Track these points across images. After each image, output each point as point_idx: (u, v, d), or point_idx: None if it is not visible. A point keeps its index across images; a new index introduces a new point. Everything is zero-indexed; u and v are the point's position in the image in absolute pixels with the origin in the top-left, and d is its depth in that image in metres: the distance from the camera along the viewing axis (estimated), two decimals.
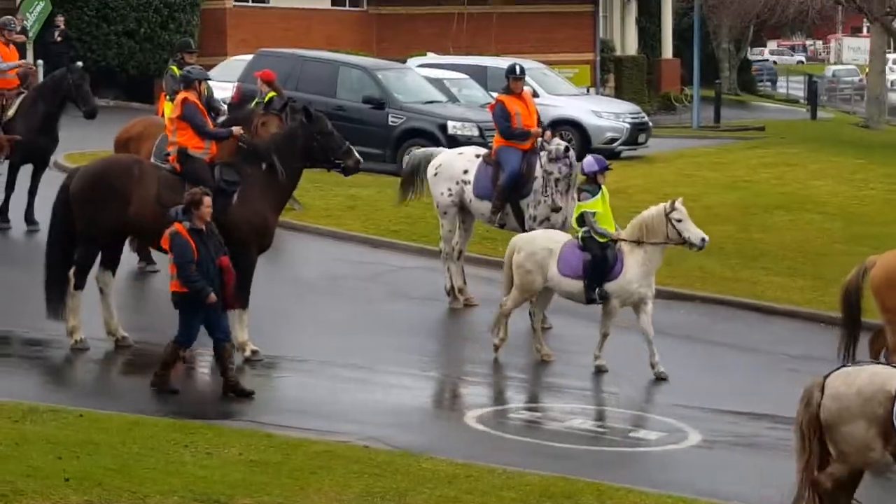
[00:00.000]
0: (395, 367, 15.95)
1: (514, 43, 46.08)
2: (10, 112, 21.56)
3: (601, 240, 16.27)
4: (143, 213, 15.65)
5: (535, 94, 34.13)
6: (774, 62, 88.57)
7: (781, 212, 25.95)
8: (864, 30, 78.04)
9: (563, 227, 18.59)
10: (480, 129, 26.65)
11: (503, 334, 16.66)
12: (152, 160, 19.35)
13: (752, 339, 17.11)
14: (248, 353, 15.56)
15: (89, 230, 15.79)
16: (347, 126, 28.89)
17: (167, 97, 19.79)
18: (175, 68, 19.82)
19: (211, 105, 19.91)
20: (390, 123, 27.80)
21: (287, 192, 16.36)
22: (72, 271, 15.77)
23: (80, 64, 21.50)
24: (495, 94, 20.91)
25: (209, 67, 27.08)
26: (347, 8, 49.56)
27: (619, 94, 48.74)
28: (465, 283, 19.15)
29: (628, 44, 57.15)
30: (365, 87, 28.96)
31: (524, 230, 18.56)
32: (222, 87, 27.89)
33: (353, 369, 15.89)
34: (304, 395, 15.23)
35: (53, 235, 16.05)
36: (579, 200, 16.67)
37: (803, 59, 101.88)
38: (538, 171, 18.32)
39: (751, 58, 74.92)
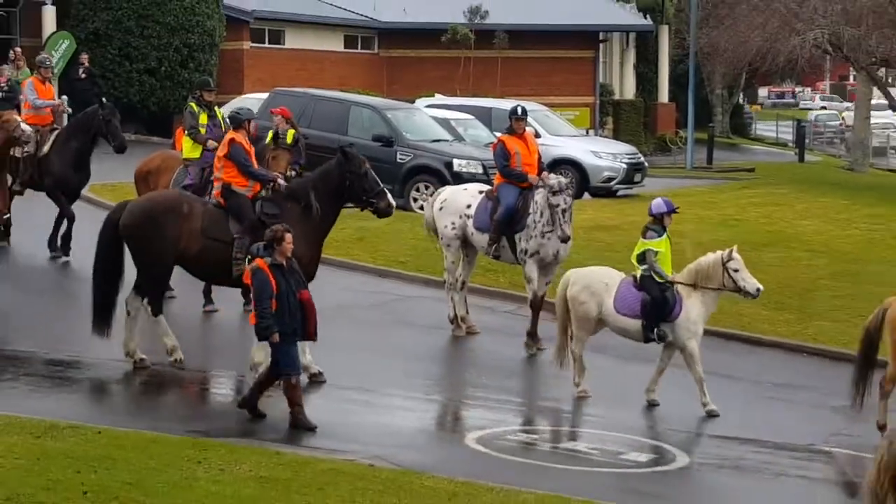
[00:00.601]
0: (400, 391, 15.99)
1: (518, 86, 46.23)
2: (45, 148, 21.72)
3: (658, 279, 16.07)
4: (190, 246, 15.81)
5: (538, 135, 34.29)
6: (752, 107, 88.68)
7: (769, 249, 25.97)
8: (851, 78, 78.10)
9: (556, 260, 18.62)
10: (484, 167, 26.76)
11: (578, 376, 16.38)
12: None
13: (738, 368, 17.14)
14: (313, 372, 15.73)
15: (146, 263, 15.92)
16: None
17: (185, 132, 19.89)
18: (194, 105, 19.89)
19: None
20: (398, 160, 27.86)
21: (324, 227, 16.29)
22: (146, 301, 15.94)
23: (109, 101, 21.44)
24: (498, 134, 21.01)
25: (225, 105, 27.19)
26: (359, 50, 49.71)
27: (617, 135, 48.88)
28: (467, 311, 19.20)
29: (626, 88, 57.31)
30: (375, 126, 29.04)
31: (518, 262, 18.67)
32: None
33: (359, 392, 15.91)
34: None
35: (100, 264, 16.12)
36: (644, 239, 16.42)
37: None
38: (537, 207, 18.37)
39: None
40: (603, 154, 34.23)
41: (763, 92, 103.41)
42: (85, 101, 38.09)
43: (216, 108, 20.28)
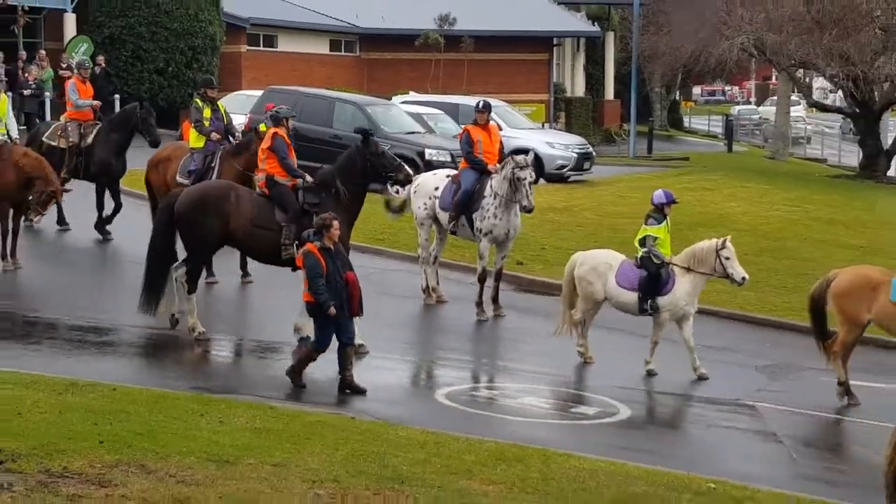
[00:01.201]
0: (379, 353, 15.96)
1: (482, 85, 46.18)
2: (89, 140, 21.75)
3: (656, 261, 16.01)
4: (237, 229, 15.71)
5: (500, 128, 34.38)
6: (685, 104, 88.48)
7: (701, 228, 25.98)
8: (773, 78, 78.28)
9: (507, 237, 18.56)
10: (452, 156, 26.70)
11: (585, 345, 16.35)
12: (177, 177, 19.47)
13: (677, 334, 17.15)
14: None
15: (194, 245, 15.83)
16: (342, 152, 29.00)
17: (192, 125, 19.81)
18: (199, 101, 19.85)
19: (230, 130, 19.98)
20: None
21: (354, 209, 16.09)
22: (185, 279, 15.80)
23: (147, 102, 21.50)
24: (463, 125, 21.01)
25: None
26: (343, 53, 49.64)
27: (569, 128, 48.84)
28: (438, 283, 19.20)
29: (577, 87, 57.31)
30: (356, 120, 28.91)
31: (475, 239, 18.67)
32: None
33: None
34: (307, 375, 15.28)
35: (154, 246, 15.96)
36: (646, 225, 16.34)
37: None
38: (492, 190, 18.27)
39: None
40: (556, 145, 34.26)
41: (697, 90, 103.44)
42: (102, 98, 38.01)
43: (219, 103, 20.23)
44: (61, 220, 22.13)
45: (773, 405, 15.24)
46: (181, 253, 16.10)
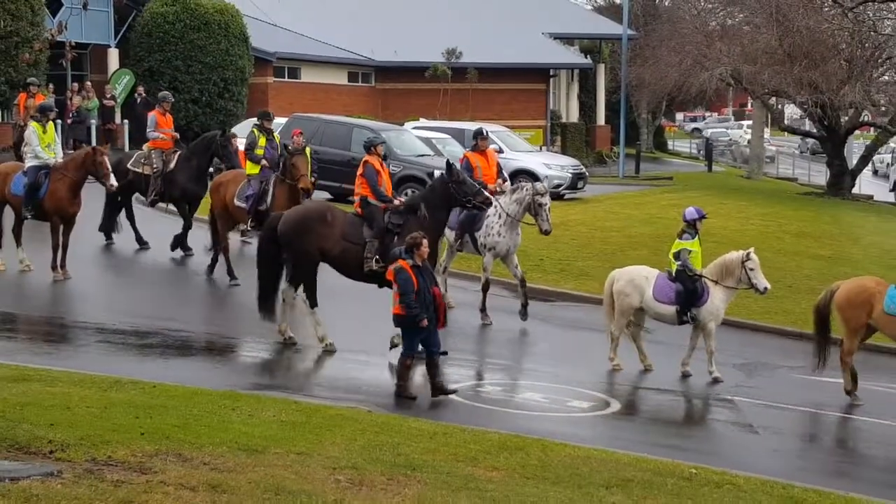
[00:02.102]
0: (393, 352, 15.97)
1: (485, 112, 46.26)
2: (171, 165, 21.73)
3: (690, 274, 15.84)
4: (332, 247, 15.67)
5: (500, 151, 34.32)
6: (668, 128, 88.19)
7: None
8: (749, 105, 78.21)
9: (509, 253, 18.50)
10: None
11: (614, 354, 16.15)
12: (235, 200, 19.51)
13: (661, 335, 17.14)
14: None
15: (295, 260, 15.76)
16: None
17: (245, 154, 19.85)
18: (255, 131, 19.97)
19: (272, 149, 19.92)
20: (391, 171, 27.50)
21: (436, 231, 15.80)
22: (303, 297, 15.79)
23: (229, 130, 21.47)
24: (464, 151, 20.95)
25: None
26: (360, 84, 49.73)
27: (564, 151, 48.89)
28: (446, 290, 19.17)
29: (571, 113, 57.36)
30: None
31: (479, 253, 18.61)
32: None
33: (359, 354, 15.92)
34: (324, 373, 15.29)
35: (264, 263, 15.90)
36: (680, 240, 16.14)
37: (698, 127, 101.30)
38: (497, 210, 18.14)
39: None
40: (552, 166, 34.26)
41: (680, 116, 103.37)
42: (141, 124, 38.12)
43: (274, 133, 20.21)
44: (139, 241, 22.10)
45: (749, 399, 15.22)
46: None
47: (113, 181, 19.10)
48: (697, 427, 14.18)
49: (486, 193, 16.51)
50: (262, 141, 19.64)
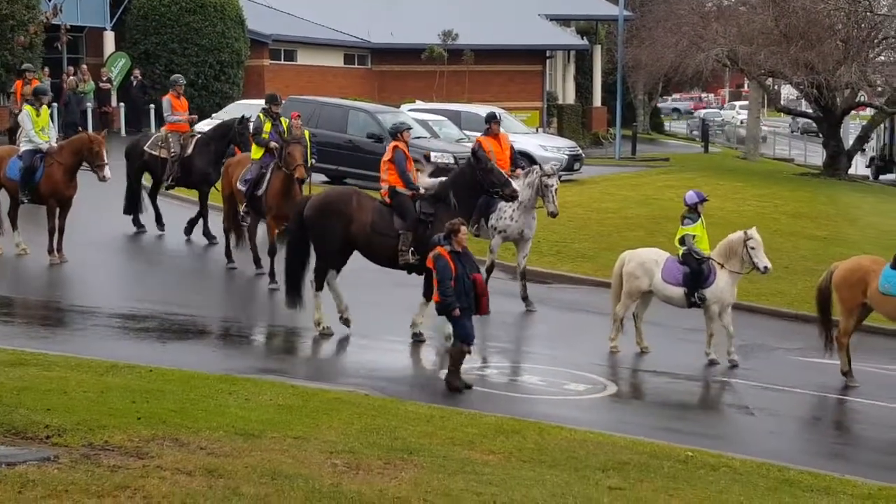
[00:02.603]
0: (390, 337, 15.99)
1: (482, 94, 46.20)
2: (189, 150, 21.60)
3: (696, 258, 15.79)
4: (358, 233, 15.56)
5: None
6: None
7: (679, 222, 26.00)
8: (745, 86, 78.06)
9: (522, 237, 18.44)
10: (455, 158, 26.66)
11: (616, 336, 16.12)
12: (237, 183, 19.19)
13: (657, 316, 17.12)
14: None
15: (318, 245, 15.69)
16: (355, 155, 28.90)
17: (252, 138, 19.53)
18: (262, 115, 19.52)
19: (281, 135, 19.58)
20: None
21: (464, 218, 15.28)
22: (312, 277, 15.74)
23: (248, 118, 20.89)
24: (476, 136, 20.58)
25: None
26: (356, 66, 49.62)
27: (560, 132, 48.85)
28: None
29: (568, 95, 57.24)
30: (368, 126, 28.99)
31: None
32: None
33: (358, 338, 15.91)
34: (321, 357, 15.28)
35: (292, 248, 15.83)
36: (683, 225, 16.08)
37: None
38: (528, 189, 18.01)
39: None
40: (549, 147, 34.20)
41: (676, 97, 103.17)
42: (136, 107, 38.10)
43: (282, 118, 19.86)
44: (159, 221, 22.10)
45: (745, 381, 15.23)
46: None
47: (107, 172, 19.01)
48: (694, 410, 14.18)
49: (515, 186, 16.21)
50: (267, 126, 19.36)
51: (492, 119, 19.02)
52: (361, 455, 9.68)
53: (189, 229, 21.83)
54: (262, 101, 24.96)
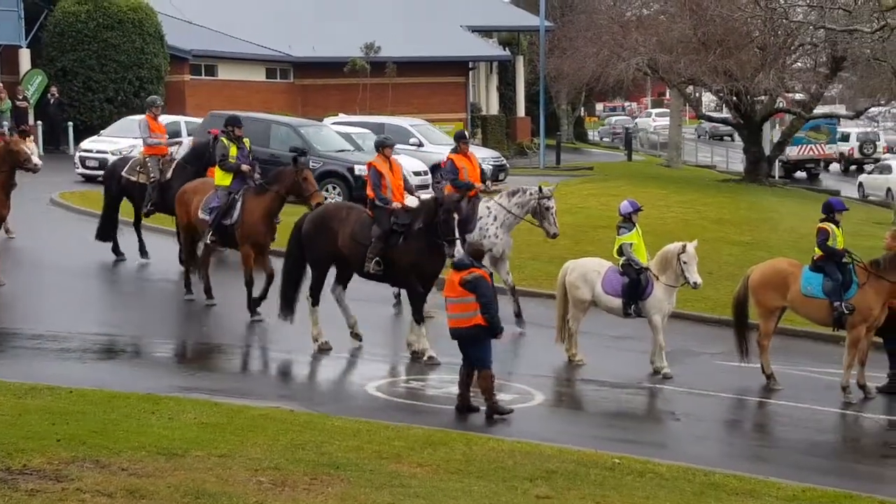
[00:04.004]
0: (315, 351, 15.89)
1: (405, 106, 46.18)
2: (168, 174, 20.84)
3: (636, 267, 15.75)
4: (343, 244, 15.66)
5: (420, 144, 34.38)
6: (588, 119, 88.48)
7: (605, 230, 26.10)
8: (667, 94, 78.91)
9: (502, 258, 18.32)
10: None
11: (573, 347, 16.08)
12: (199, 213, 18.18)
13: (584, 325, 17.21)
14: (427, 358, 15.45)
15: (314, 259, 15.82)
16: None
17: (217, 163, 18.39)
18: (225, 140, 18.30)
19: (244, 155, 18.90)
20: (311, 167, 27.52)
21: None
22: (308, 294, 15.80)
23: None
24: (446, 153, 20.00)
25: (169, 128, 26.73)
26: (278, 80, 49.43)
27: (485, 143, 48.95)
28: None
29: (491, 106, 57.44)
30: (291, 140, 28.80)
31: None
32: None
33: (282, 353, 15.81)
34: (246, 373, 15.15)
35: (289, 263, 16.05)
36: (619, 235, 16.06)
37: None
38: (491, 212, 18.08)
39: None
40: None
41: (599, 106, 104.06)
42: (54, 125, 37.60)
43: (245, 140, 18.73)
44: (142, 251, 21.34)
45: (671, 387, 15.34)
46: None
47: (36, 161, 18.65)
48: (621, 417, 14.25)
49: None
50: (233, 150, 18.22)
51: (461, 138, 18.82)
52: (287, 471, 9.61)
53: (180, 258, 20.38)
54: (199, 119, 24.31)
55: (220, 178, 18.28)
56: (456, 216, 15.02)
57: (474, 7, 56.02)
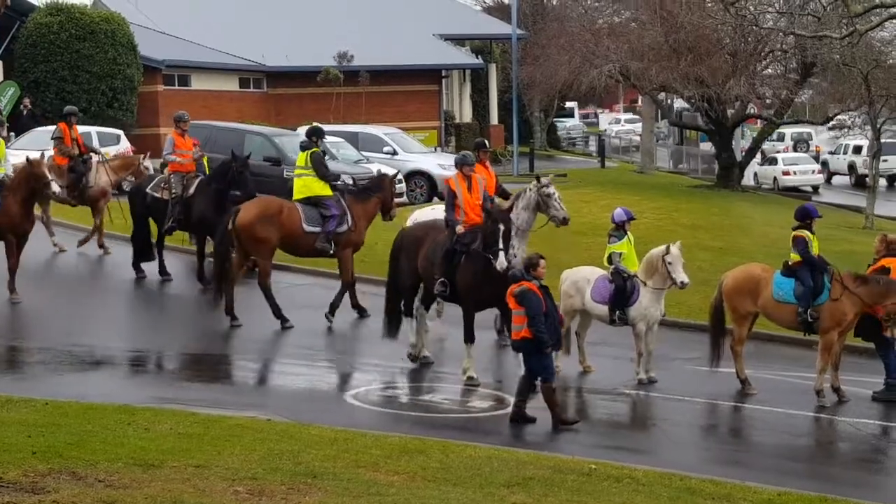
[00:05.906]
0: (292, 360, 15.85)
1: (379, 115, 46.13)
2: (191, 190, 20.52)
3: (623, 276, 15.71)
4: (420, 265, 15.62)
5: (395, 153, 34.36)
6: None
7: (579, 236, 26.27)
8: (639, 100, 79.15)
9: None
10: (354, 180, 26.46)
11: (583, 357, 16.17)
12: (305, 226, 18.09)
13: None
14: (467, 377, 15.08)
15: (402, 277, 15.94)
16: (252, 179, 28.62)
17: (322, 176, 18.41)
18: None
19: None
20: (285, 176, 27.41)
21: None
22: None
23: (240, 154, 19.92)
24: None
25: (143, 139, 26.63)
26: (251, 90, 49.29)
27: (458, 151, 48.93)
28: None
29: (465, 113, 57.48)
30: (265, 149, 28.78)
31: None
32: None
33: (259, 362, 15.75)
34: (223, 382, 15.09)
35: (391, 281, 16.12)
36: (609, 243, 16.03)
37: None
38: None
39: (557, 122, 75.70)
40: (447, 166, 33.95)
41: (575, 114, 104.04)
42: (30, 138, 37.33)
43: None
44: (163, 272, 20.88)
45: (647, 392, 15.37)
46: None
47: (55, 188, 18.55)
48: (597, 423, 14.27)
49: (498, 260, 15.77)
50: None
51: (480, 147, 18.32)
52: (264, 481, 9.58)
53: (200, 275, 20.32)
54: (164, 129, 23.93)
55: (321, 188, 18.40)
56: (502, 227, 14.68)
57: (447, 16, 56.08)
